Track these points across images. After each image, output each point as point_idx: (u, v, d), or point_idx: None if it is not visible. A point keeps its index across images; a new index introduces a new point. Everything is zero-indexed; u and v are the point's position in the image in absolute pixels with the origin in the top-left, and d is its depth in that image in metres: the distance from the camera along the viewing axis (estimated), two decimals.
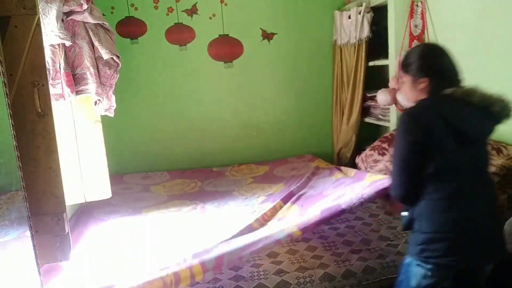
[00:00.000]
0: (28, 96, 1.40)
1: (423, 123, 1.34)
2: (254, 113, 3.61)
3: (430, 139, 1.32)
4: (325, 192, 2.45)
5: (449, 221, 1.34)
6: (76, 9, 1.77)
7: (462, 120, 1.35)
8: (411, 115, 1.39)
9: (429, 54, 1.46)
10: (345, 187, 2.31)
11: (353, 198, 1.90)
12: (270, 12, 3.48)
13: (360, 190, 2.03)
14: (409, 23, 2.71)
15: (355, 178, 2.39)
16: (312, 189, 2.63)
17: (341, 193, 2.24)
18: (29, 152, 1.42)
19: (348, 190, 2.19)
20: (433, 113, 1.35)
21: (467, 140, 1.35)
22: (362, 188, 2.07)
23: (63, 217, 1.48)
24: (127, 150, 3.44)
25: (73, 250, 1.94)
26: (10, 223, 1.30)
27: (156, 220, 2.36)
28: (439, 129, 1.33)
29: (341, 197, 2.11)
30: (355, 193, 2.04)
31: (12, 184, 1.30)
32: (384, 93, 2.79)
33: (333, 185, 2.53)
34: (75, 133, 2.08)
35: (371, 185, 2.05)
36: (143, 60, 3.36)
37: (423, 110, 1.38)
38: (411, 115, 1.39)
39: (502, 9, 2.08)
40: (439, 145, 1.33)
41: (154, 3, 3.32)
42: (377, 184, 1.95)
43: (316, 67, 3.64)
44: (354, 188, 2.14)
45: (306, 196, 2.51)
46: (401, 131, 1.39)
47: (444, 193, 1.35)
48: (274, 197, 2.60)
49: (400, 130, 1.39)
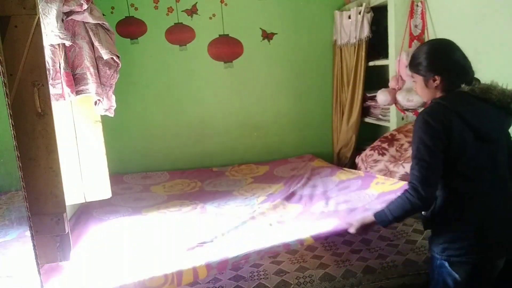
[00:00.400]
0: (28, 96, 1.40)
1: (441, 121, 1.33)
2: (254, 113, 3.61)
3: (449, 137, 1.32)
4: (329, 193, 2.46)
5: (470, 219, 1.35)
6: (76, 9, 1.77)
7: (480, 118, 1.35)
8: (428, 114, 1.36)
9: (437, 51, 1.45)
10: (350, 193, 2.32)
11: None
12: (270, 12, 3.48)
13: (368, 201, 2.04)
14: (409, 23, 2.71)
15: (360, 183, 2.39)
16: (315, 188, 2.63)
17: (347, 198, 2.25)
18: (29, 152, 1.42)
19: (355, 197, 2.19)
20: (450, 111, 1.34)
21: (486, 138, 1.35)
22: (370, 199, 2.08)
23: (63, 217, 1.48)
24: (127, 150, 3.44)
25: (74, 250, 1.94)
26: (10, 223, 1.30)
27: (156, 220, 2.36)
28: (457, 127, 1.32)
29: (349, 203, 2.13)
30: (362, 202, 2.05)
31: (12, 184, 1.31)
32: (384, 93, 2.79)
33: (337, 187, 2.53)
34: (75, 133, 2.08)
35: (379, 197, 2.05)
36: (143, 60, 3.36)
37: (440, 109, 1.37)
38: (429, 114, 1.37)
39: (502, 9, 2.08)
40: (458, 143, 1.32)
41: (154, 3, 3.32)
42: (386, 198, 1.92)
43: (316, 67, 3.64)
44: (361, 198, 2.15)
45: (309, 195, 2.52)
46: (420, 129, 1.36)
47: (464, 191, 1.36)
48: (274, 197, 2.60)
49: (419, 129, 1.36)
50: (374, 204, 1.94)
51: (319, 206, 2.27)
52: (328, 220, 1.97)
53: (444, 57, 1.42)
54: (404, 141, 2.56)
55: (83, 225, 2.30)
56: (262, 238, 1.84)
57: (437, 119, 1.34)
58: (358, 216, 1.79)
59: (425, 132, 1.34)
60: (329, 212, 2.13)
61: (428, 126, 1.34)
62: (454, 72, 1.40)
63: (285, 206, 2.39)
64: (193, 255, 1.76)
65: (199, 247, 1.87)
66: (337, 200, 2.28)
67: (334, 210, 2.14)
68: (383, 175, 2.45)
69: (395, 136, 2.67)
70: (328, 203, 2.27)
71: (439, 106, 1.38)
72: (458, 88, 1.41)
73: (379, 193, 2.12)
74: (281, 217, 2.21)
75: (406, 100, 2.64)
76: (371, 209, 1.78)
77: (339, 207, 2.15)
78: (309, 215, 2.18)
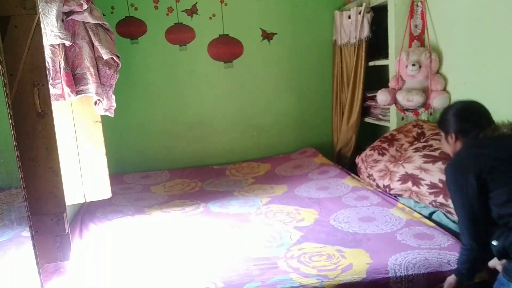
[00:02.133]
0: (28, 96, 1.40)
1: (469, 168, 1.41)
2: (254, 113, 3.61)
3: (482, 178, 1.38)
4: (344, 200, 2.44)
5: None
6: (76, 9, 1.77)
7: (500, 147, 1.43)
8: (455, 166, 1.48)
9: (464, 115, 1.56)
10: (370, 208, 2.26)
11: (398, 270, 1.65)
12: (270, 12, 3.48)
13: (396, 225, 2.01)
14: (409, 23, 2.71)
15: (381, 201, 2.34)
16: (327, 191, 2.62)
17: (369, 213, 2.19)
18: (29, 152, 1.42)
19: (379, 219, 2.10)
20: (473, 153, 1.45)
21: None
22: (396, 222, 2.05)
23: (63, 217, 1.48)
24: (127, 150, 3.44)
25: (79, 250, 1.95)
26: (10, 223, 1.29)
27: (162, 220, 2.33)
28: (484, 163, 1.39)
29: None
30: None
31: (12, 184, 1.30)
32: (384, 93, 2.79)
33: (353, 193, 2.51)
34: (75, 133, 2.08)
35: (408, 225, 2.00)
36: (143, 60, 3.36)
37: (463, 156, 1.49)
38: (455, 165, 1.48)
39: (502, 9, 2.07)
40: (492, 177, 1.37)
41: (154, 3, 3.32)
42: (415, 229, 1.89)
43: (316, 67, 3.64)
44: (387, 219, 2.09)
45: (323, 199, 2.50)
46: (453, 186, 1.47)
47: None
48: (279, 199, 2.59)
49: (452, 185, 1.47)
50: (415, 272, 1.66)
51: (339, 215, 2.22)
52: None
53: (471, 120, 1.54)
54: (404, 141, 2.56)
55: (87, 225, 2.29)
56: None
57: (464, 169, 1.42)
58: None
59: (459, 189, 1.43)
60: (355, 234, 1.98)
61: (460, 182, 1.43)
62: (477, 131, 1.50)
63: (302, 211, 2.34)
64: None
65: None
66: (358, 213, 2.20)
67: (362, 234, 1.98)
68: (383, 175, 2.45)
69: (395, 136, 2.67)
70: (351, 220, 2.16)
71: (461, 154, 1.50)
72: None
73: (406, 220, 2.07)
74: (299, 220, 2.19)
75: (406, 100, 2.64)
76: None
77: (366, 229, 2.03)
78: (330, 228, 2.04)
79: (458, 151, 1.54)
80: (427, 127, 2.55)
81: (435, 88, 2.56)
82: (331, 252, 1.80)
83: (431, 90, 2.58)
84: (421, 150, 2.34)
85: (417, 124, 2.63)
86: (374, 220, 2.12)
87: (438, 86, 2.54)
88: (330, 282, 1.57)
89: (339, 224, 2.11)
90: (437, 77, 2.55)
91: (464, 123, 1.54)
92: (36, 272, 1.32)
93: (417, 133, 2.55)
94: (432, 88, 2.57)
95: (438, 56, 2.55)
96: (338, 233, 1.99)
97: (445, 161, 2.10)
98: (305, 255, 1.79)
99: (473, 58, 2.29)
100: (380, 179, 2.48)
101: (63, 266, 1.75)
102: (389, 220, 2.09)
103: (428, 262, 1.65)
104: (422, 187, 2.15)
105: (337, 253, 1.78)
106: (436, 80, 2.54)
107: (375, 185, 2.56)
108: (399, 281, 1.59)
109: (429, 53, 2.55)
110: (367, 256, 1.73)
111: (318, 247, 1.85)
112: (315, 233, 2.02)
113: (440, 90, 2.54)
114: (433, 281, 1.60)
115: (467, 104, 1.62)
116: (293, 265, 1.71)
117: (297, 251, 1.83)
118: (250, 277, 1.63)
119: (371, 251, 1.77)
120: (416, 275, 1.60)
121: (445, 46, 2.53)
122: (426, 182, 2.13)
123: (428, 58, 2.54)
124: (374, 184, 2.57)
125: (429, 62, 2.54)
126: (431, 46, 2.59)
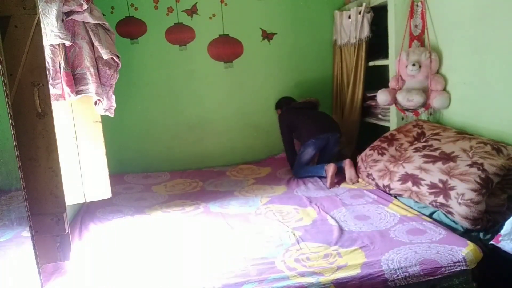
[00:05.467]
0: (28, 96, 1.40)
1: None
2: (254, 113, 3.61)
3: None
4: (341, 198, 2.50)
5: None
6: (76, 9, 1.77)
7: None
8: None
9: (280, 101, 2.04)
10: (366, 205, 2.33)
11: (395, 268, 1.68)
12: (270, 12, 3.48)
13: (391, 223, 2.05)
14: (409, 23, 2.71)
15: (376, 199, 2.40)
16: (323, 191, 2.68)
17: (365, 211, 2.26)
18: (29, 152, 1.42)
19: (374, 216, 2.17)
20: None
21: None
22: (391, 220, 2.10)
23: (63, 217, 1.48)
24: (127, 150, 3.44)
25: (79, 250, 1.94)
26: (10, 223, 1.29)
27: (162, 221, 2.34)
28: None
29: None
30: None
31: (12, 184, 1.30)
32: (384, 93, 2.79)
33: (349, 193, 2.58)
34: (75, 133, 2.08)
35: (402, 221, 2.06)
36: (143, 60, 3.36)
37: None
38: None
39: (501, 9, 2.08)
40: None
41: (154, 3, 3.32)
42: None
43: (316, 67, 3.64)
44: (381, 217, 2.15)
45: (320, 197, 2.55)
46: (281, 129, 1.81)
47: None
48: (278, 198, 2.60)
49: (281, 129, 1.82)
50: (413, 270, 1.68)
51: (336, 213, 2.27)
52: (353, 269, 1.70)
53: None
54: (404, 141, 2.55)
55: (87, 225, 2.29)
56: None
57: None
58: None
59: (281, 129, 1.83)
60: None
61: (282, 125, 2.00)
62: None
63: (301, 210, 2.36)
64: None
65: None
66: (353, 212, 2.25)
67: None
68: (383, 175, 2.45)
69: (395, 136, 2.66)
70: (346, 217, 2.22)
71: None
72: None
73: (400, 216, 2.13)
74: (298, 220, 2.21)
75: (406, 100, 2.64)
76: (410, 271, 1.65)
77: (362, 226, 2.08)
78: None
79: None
80: (427, 127, 2.55)
81: (435, 88, 2.56)
82: (328, 251, 1.84)
83: (431, 90, 2.58)
84: (421, 150, 2.34)
85: (417, 124, 2.63)
86: (369, 218, 2.17)
87: (438, 86, 2.54)
88: (325, 279, 1.62)
89: (336, 223, 2.14)
90: (437, 77, 2.55)
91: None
92: (36, 272, 1.32)
93: (417, 133, 2.55)
94: (432, 88, 2.57)
95: (438, 56, 2.55)
96: (335, 232, 2.02)
97: (445, 161, 2.12)
98: (303, 255, 1.81)
99: (473, 58, 2.29)
100: (380, 179, 2.48)
101: (63, 266, 1.75)
102: (384, 217, 2.15)
103: (418, 255, 1.72)
104: (422, 187, 2.15)
105: (333, 252, 1.82)
106: (436, 80, 2.54)
107: (375, 184, 2.57)
108: (394, 273, 1.65)
109: (429, 53, 2.55)
110: (362, 255, 1.78)
111: (316, 247, 1.89)
112: (314, 233, 2.05)
113: (440, 90, 2.54)
114: (428, 272, 1.66)
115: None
116: (290, 265, 1.73)
117: (295, 252, 1.85)
118: (247, 277, 1.64)
119: (366, 249, 1.83)
120: (409, 266, 1.67)
121: (445, 46, 2.53)
122: (426, 182, 2.13)
123: (428, 58, 2.54)
124: (373, 183, 2.58)
125: (429, 62, 2.54)
126: (431, 46, 2.59)
